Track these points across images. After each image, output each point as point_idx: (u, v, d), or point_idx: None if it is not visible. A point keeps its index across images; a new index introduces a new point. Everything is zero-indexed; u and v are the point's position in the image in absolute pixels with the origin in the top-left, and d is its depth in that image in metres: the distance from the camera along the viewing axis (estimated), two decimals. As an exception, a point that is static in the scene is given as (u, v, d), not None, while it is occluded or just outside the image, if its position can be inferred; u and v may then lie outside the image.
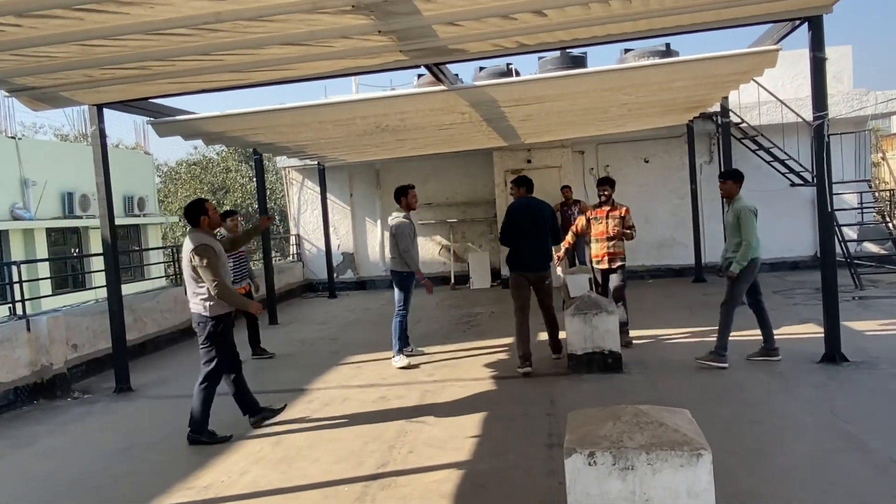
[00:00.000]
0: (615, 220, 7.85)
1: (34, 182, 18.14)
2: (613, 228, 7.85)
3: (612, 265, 7.92)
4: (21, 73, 5.81)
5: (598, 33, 6.03)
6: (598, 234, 7.93)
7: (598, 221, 7.95)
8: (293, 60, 6.02)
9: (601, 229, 7.90)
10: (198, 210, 5.60)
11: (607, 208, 7.93)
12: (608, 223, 7.87)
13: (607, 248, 7.90)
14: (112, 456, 5.52)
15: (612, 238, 7.87)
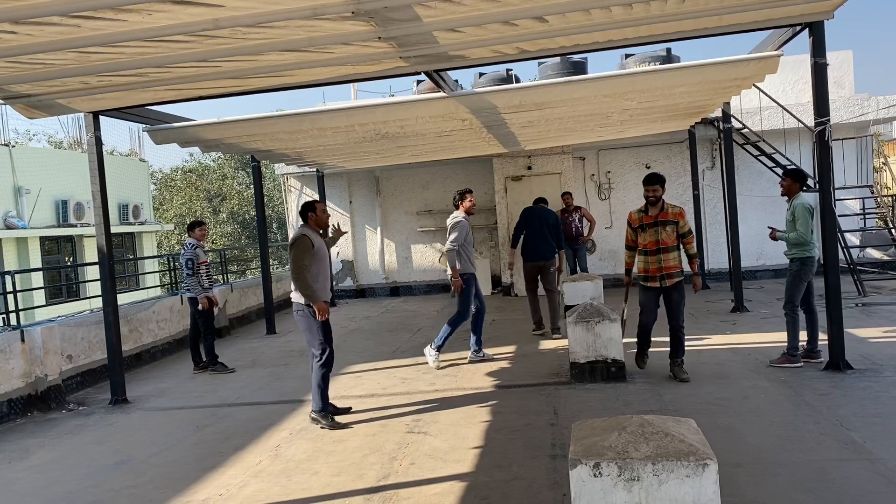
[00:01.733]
0: (670, 227, 6.60)
1: (28, 190, 18.07)
2: (670, 237, 6.62)
3: (669, 283, 6.62)
4: (17, 81, 5.74)
5: (600, 39, 5.97)
6: (648, 245, 6.64)
7: (646, 230, 6.65)
8: (292, 67, 5.95)
9: (651, 239, 6.61)
10: (306, 209, 6.28)
11: (656, 212, 6.63)
12: (661, 231, 6.60)
13: (661, 261, 6.60)
14: (108, 470, 5.43)
15: (668, 249, 6.59)
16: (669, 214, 6.59)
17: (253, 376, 8.41)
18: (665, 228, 6.57)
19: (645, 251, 6.66)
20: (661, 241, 6.58)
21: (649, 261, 6.63)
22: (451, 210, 8.72)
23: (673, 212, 6.60)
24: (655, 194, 6.58)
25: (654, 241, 6.59)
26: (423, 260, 15.80)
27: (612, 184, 14.68)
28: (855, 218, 13.59)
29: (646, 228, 6.63)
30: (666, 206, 6.63)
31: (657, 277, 6.63)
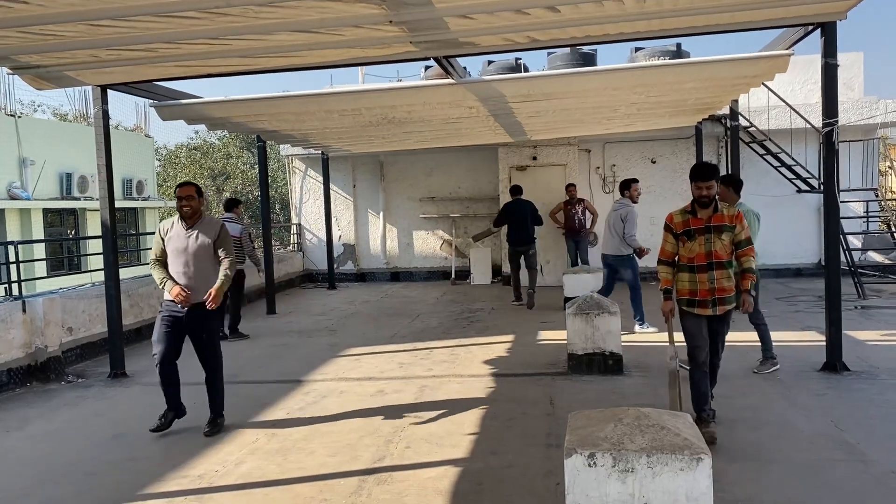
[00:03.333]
0: (726, 235, 4.94)
1: (32, 161, 18.05)
2: (726, 249, 4.95)
3: (721, 310, 5.00)
4: (26, 51, 5.73)
5: (611, 31, 5.96)
6: (697, 259, 4.95)
7: (694, 238, 4.97)
8: (302, 48, 5.95)
9: (701, 250, 4.93)
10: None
11: (708, 214, 4.95)
12: (715, 240, 4.92)
13: (714, 281, 4.93)
14: (105, 442, 5.47)
15: (722, 265, 4.93)
16: (725, 218, 4.93)
17: (252, 355, 8.44)
18: (720, 237, 4.91)
19: (690, 267, 4.99)
20: (715, 253, 4.91)
21: (698, 280, 4.96)
22: (454, 198, 8.75)
23: (729, 214, 4.96)
24: (710, 193, 4.90)
25: (704, 254, 4.92)
26: (425, 246, 15.81)
27: (617, 177, 14.64)
28: (858, 220, 13.58)
29: (693, 236, 4.96)
30: (720, 208, 4.98)
31: (708, 303, 4.95)
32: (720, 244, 4.91)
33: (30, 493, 4.50)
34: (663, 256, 5.15)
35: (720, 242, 4.91)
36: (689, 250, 4.98)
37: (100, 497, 4.37)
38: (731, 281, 4.98)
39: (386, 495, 4.21)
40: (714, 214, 4.95)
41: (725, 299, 4.99)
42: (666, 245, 5.13)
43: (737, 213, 5.02)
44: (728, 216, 4.95)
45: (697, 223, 4.96)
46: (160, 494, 4.38)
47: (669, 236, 5.10)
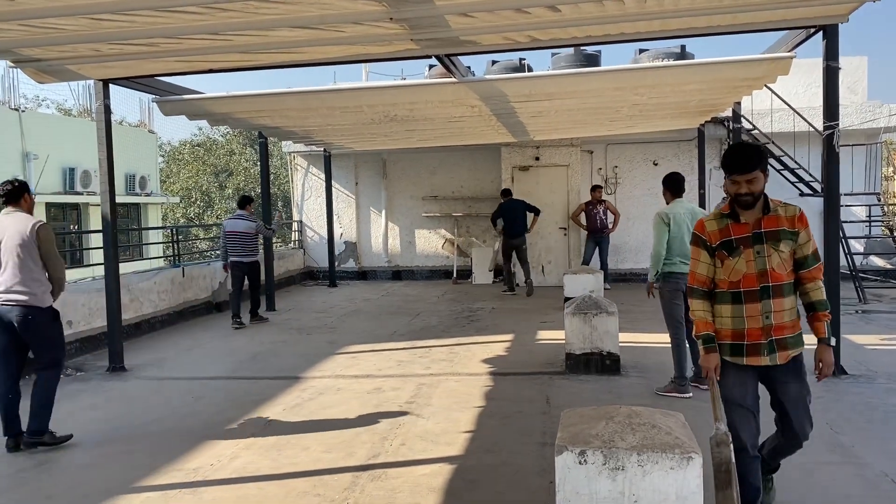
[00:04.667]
0: (786, 245, 3.41)
1: (36, 156, 18.09)
2: (785, 266, 3.42)
3: (783, 357, 3.44)
4: (28, 44, 5.75)
5: (612, 31, 5.96)
6: (745, 281, 3.43)
7: (737, 252, 3.44)
8: (303, 44, 5.96)
9: (750, 270, 3.41)
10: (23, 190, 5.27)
11: (755, 217, 3.45)
12: (771, 254, 3.40)
13: (769, 314, 3.40)
14: (101, 435, 5.48)
15: (781, 290, 3.40)
16: (783, 221, 3.41)
17: (251, 351, 8.45)
18: (777, 248, 3.37)
19: (735, 295, 3.43)
20: (772, 272, 3.37)
21: (746, 314, 3.40)
22: (456, 197, 8.81)
23: (789, 216, 3.42)
24: (752, 189, 3.35)
25: (755, 274, 3.38)
26: (427, 245, 15.82)
27: (619, 178, 14.65)
28: (860, 225, 13.56)
29: (737, 249, 3.41)
30: (773, 207, 3.44)
31: (761, 347, 3.39)
32: (777, 259, 3.35)
33: (22, 485, 4.52)
34: (696, 283, 3.53)
35: (777, 256, 3.35)
36: (732, 271, 3.41)
37: (94, 488, 4.38)
38: (795, 314, 3.43)
39: (379, 492, 4.22)
40: (765, 216, 3.40)
41: (787, 341, 3.40)
42: (698, 267, 3.52)
43: (798, 212, 3.44)
44: (787, 218, 3.40)
45: (742, 230, 3.41)
46: (154, 487, 4.39)
47: (702, 252, 3.51)
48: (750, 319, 3.40)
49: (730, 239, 3.44)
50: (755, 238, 3.40)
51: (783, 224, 3.40)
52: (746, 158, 3.35)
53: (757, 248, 3.38)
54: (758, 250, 3.38)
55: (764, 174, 3.37)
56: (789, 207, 3.46)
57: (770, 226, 3.40)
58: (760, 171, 3.34)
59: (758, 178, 3.34)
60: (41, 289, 5.10)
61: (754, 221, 3.42)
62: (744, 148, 3.43)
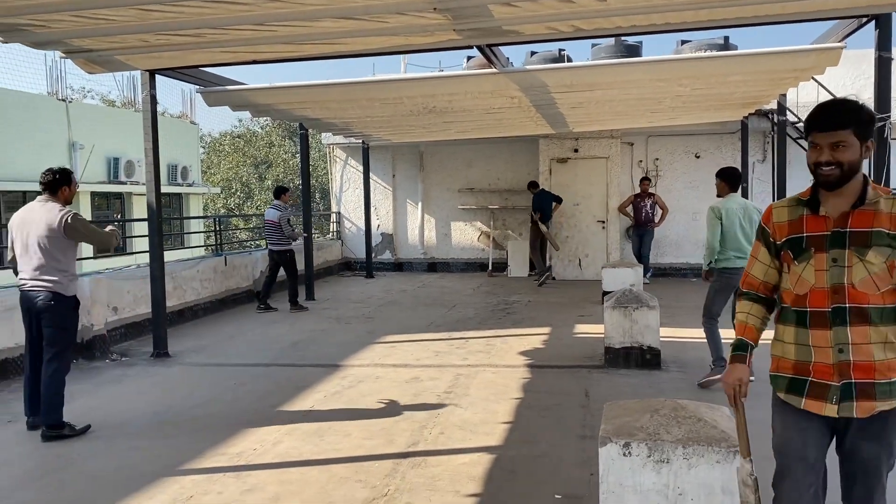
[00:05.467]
0: (878, 252, 2.40)
1: (82, 146, 18.47)
2: (877, 283, 2.41)
3: (863, 410, 2.43)
4: (79, 35, 5.87)
5: (657, 21, 5.87)
6: (812, 298, 2.48)
7: (807, 255, 2.50)
8: (346, 35, 5.98)
9: (821, 283, 2.46)
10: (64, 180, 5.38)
11: (843, 208, 2.46)
12: (853, 261, 2.42)
13: (845, 345, 2.42)
14: (146, 419, 5.60)
15: (865, 314, 2.41)
16: (884, 217, 2.42)
17: (291, 339, 8.56)
18: (864, 257, 2.42)
19: (799, 314, 2.54)
20: (850, 289, 2.43)
21: (812, 342, 2.50)
22: (493, 189, 8.82)
23: (892, 212, 2.42)
24: (838, 158, 2.39)
25: (828, 290, 2.46)
26: (463, 237, 15.82)
27: (660, 171, 14.48)
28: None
29: (807, 251, 2.51)
30: (872, 195, 2.46)
31: (829, 391, 2.47)
32: (864, 272, 2.39)
33: (70, 465, 4.64)
34: (746, 287, 2.73)
35: (864, 268, 2.39)
36: (799, 280, 2.50)
37: (140, 470, 4.49)
38: (889, 352, 2.39)
39: (419, 479, 4.25)
40: (855, 210, 2.42)
41: (874, 388, 2.40)
42: (753, 267, 2.69)
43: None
44: (889, 215, 2.38)
45: (818, 225, 2.47)
46: (199, 470, 4.48)
47: (761, 250, 2.65)
48: (818, 351, 2.42)
49: (800, 236, 2.49)
50: (834, 239, 2.40)
51: (882, 223, 2.36)
52: (834, 112, 2.38)
53: (833, 254, 2.40)
54: (834, 257, 2.40)
55: (862, 141, 2.36)
56: (891, 196, 2.42)
57: (860, 224, 2.37)
58: (854, 135, 2.33)
59: (849, 144, 2.33)
60: (66, 278, 5.24)
61: (839, 216, 2.42)
62: (835, 101, 2.48)
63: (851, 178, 2.41)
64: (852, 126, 2.36)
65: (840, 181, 2.41)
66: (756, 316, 2.70)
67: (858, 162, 2.39)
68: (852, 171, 2.39)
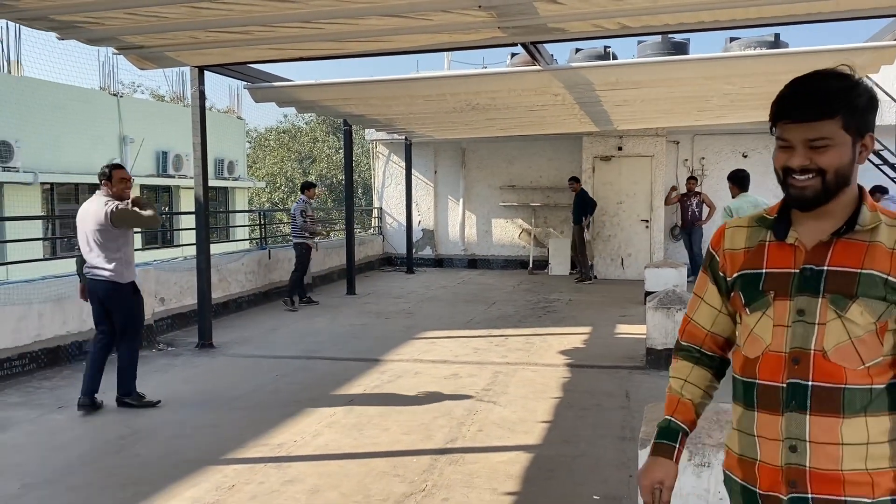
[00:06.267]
0: (869, 308, 1.53)
1: (132, 139, 18.91)
2: (861, 352, 1.54)
3: None
4: (131, 32, 6.02)
5: (706, 19, 5.78)
6: (763, 366, 1.62)
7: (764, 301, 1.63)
8: (390, 32, 6.02)
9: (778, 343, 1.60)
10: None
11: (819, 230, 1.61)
12: (826, 316, 1.55)
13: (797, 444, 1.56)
14: (191, 408, 5.73)
15: (835, 398, 1.54)
16: (882, 252, 1.56)
17: (332, 333, 8.66)
18: (844, 311, 1.55)
19: (745, 387, 1.68)
20: (818, 359, 1.56)
21: (758, 428, 1.64)
22: (535, 187, 8.80)
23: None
24: (817, 162, 1.55)
25: (783, 357, 1.60)
26: (504, 235, 15.80)
27: (706, 171, 14.26)
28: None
29: (761, 296, 1.65)
30: (866, 216, 1.59)
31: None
32: (841, 333, 1.56)
33: (119, 451, 4.77)
34: (686, 338, 1.87)
35: (842, 327, 1.56)
36: (750, 338, 1.69)
37: (186, 457, 4.59)
38: (878, 459, 1.56)
39: (457, 475, 4.27)
40: (840, 238, 1.60)
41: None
42: (697, 310, 1.85)
43: None
44: (892, 252, 1.56)
45: (783, 259, 1.65)
46: (242, 460, 4.57)
47: (708, 286, 1.82)
48: (765, 445, 1.62)
49: (757, 272, 1.66)
50: (803, 281, 1.59)
51: (878, 262, 1.55)
52: (813, 93, 1.55)
53: (800, 303, 1.58)
54: (800, 307, 1.58)
55: (855, 137, 1.56)
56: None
57: (845, 260, 1.57)
58: (844, 127, 1.53)
59: (834, 141, 1.54)
60: (121, 265, 5.54)
61: (815, 246, 1.60)
62: (816, 75, 1.58)
63: (839, 193, 1.57)
64: (841, 113, 1.52)
65: (820, 197, 1.56)
66: (696, 385, 1.82)
67: (850, 167, 1.56)
68: (840, 181, 1.55)
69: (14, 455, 4.69)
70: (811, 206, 1.59)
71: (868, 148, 1.60)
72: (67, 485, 4.22)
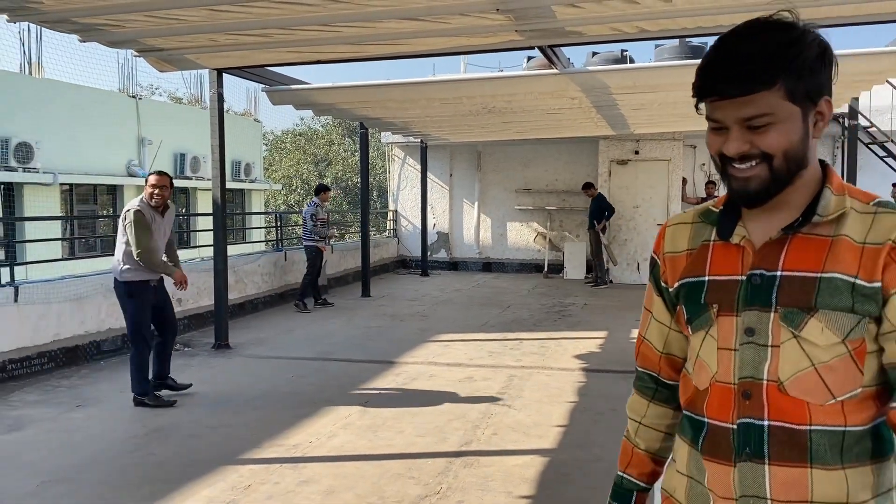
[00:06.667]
0: (831, 326, 1.19)
1: (150, 141, 19.07)
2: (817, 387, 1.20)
3: None
4: (151, 35, 6.07)
5: (724, 22, 5.74)
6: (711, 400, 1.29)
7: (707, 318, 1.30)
8: (408, 35, 6.04)
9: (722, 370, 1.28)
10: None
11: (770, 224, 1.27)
12: (777, 339, 1.22)
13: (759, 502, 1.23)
14: (206, 407, 5.76)
15: (801, 440, 1.20)
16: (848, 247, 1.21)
17: (347, 335, 8.69)
18: (798, 327, 1.21)
19: (693, 424, 1.35)
20: (771, 391, 1.22)
21: (710, 478, 1.30)
22: (550, 190, 8.80)
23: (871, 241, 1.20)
24: (762, 145, 1.20)
25: (731, 389, 1.26)
26: (519, 238, 15.78)
27: (722, 175, 14.17)
28: None
29: (703, 310, 1.32)
30: (830, 202, 1.25)
31: None
32: (799, 357, 1.21)
33: (136, 450, 4.81)
34: (641, 363, 1.58)
35: (799, 350, 1.21)
36: (697, 365, 1.35)
37: (202, 457, 4.62)
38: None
39: (472, 478, 4.26)
40: (795, 236, 1.25)
41: None
42: (648, 326, 1.53)
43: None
44: (863, 248, 1.20)
45: (729, 263, 1.31)
46: (257, 460, 4.59)
47: (654, 297, 1.49)
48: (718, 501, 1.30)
49: (699, 279, 1.34)
50: (750, 291, 1.27)
51: (844, 262, 1.21)
52: (743, 55, 1.19)
53: (748, 320, 1.26)
54: (749, 325, 1.26)
55: (806, 106, 1.22)
56: (891, 215, 1.22)
57: (801, 262, 1.24)
58: (788, 96, 1.19)
59: (778, 115, 1.20)
60: (121, 266, 5.70)
61: (764, 246, 1.28)
62: (746, 29, 1.22)
63: (793, 179, 1.24)
64: (781, 79, 1.17)
65: (768, 189, 1.23)
66: (654, 428, 1.52)
67: (803, 146, 1.22)
68: (792, 165, 1.22)
69: (33, 452, 4.74)
70: (758, 200, 1.25)
71: (825, 116, 1.25)
72: (84, 482, 4.26)
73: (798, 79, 1.19)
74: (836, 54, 1.25)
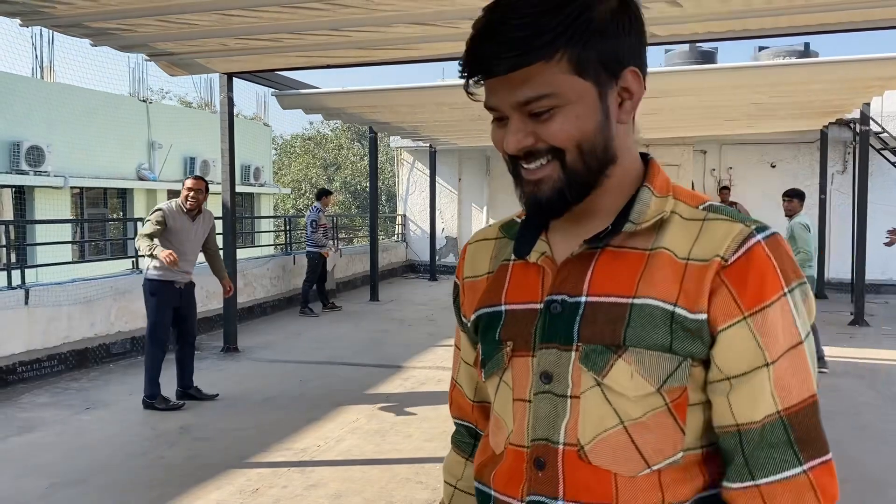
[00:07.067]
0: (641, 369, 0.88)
1: (160, 145, 19.15)
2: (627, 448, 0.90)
3: None
4: (163, 39, 6.11)
5: (735, 27, 5.74)
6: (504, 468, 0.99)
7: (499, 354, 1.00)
8: (418, 40, 6.05)
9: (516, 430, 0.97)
10: None
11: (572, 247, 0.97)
12: (578, 388, 0.91)
13: None
14: (215, 411, 5.77)
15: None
16: (669, 263, 0.91)
17: (355, 339, 8.69)
18: (607, 366, 0.90)
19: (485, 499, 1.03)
20: (574, 454, 0.92)
21: None
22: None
23: (696, 258, 0.89)
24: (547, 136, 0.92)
25: (525, 452, 0.96)
26: (528, 243, 15.74)
27: (734, 180, 14.12)
28: None
29: (497, 349, 1.01)
30: (645, 207, 0.95)
31: None
32: (605, 413, 0.91)
33: (145, 453, 4.82)
34: (455, 412, 1.21)
35: (604, 402, 0.91)
36: (495, 421, 1.05)
37: (211, 460, 4.63)
38: None
39: (480, 484, 4.25)
40: (604, 250, 0.95)
41: None
42: (459, 370, 1.19)
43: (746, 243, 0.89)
44: (686, 265, 0.90)
45: (527, 288, 1.01)
46: (265, 464, 4.59)
47: (461, 334, 1.17)
48: None
49: (496, 309, 1.04)
50: (550, 322, 0.96)
51: (662, 284, 0.90)
52: (509, 21, 0.88)
53: (544, 361, 0.95)
54: (545, 368, 0.95)
55: (600, 81, 0.92)
56: (723, 223, 0.92)
57: (610, 284, 0.93)
58: (573, 70, 0.89)
59: (564, 97, 0.89)
60: (149, 262, 5.82)
61: (564, 265, 0.98)
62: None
63: (598, 179, 0.96)
64: (564, 47, 0.88)
65: (563, 195, 0.96)
66: (471, 494, 1.14)
67: (603, 134, 0.94)
68: (593, 160, 0.95)
69: (43, 454, 4.75)
70: (553, 210, 0.98)
71: (633, 93, 0.95)
72: (94, 485, 4.27)
73: (588, 45, 0.88)
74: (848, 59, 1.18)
